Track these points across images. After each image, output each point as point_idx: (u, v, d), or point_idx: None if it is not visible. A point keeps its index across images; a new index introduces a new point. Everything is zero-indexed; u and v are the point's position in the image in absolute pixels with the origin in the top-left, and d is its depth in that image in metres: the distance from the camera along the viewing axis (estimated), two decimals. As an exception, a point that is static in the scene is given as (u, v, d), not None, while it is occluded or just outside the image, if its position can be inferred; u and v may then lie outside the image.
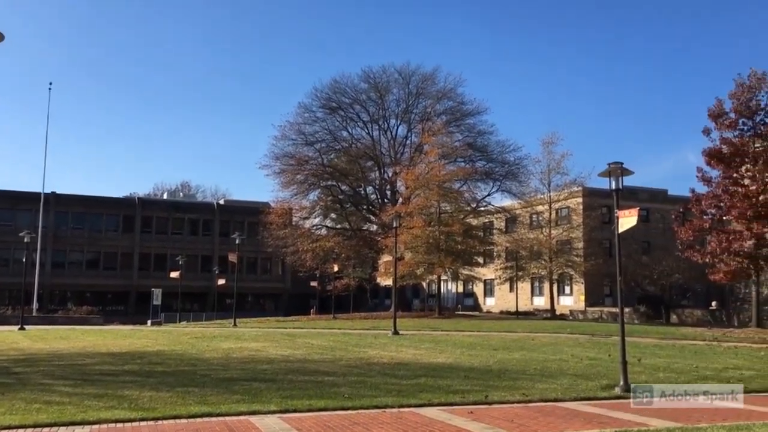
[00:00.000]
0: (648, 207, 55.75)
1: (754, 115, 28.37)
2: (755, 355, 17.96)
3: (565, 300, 55.37)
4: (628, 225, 13.15)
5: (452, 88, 53.47)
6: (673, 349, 19.88)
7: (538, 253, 48.31)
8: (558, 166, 47.63)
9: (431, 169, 43.64)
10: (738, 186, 28.19)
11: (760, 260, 27.99)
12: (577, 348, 19.88)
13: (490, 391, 11.45)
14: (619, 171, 13.25)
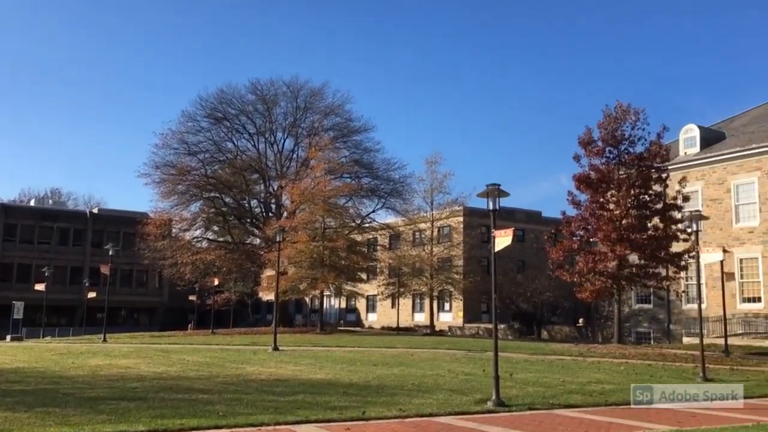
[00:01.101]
0: (524, 227, 58.35)
1: (619, 144, 30.41)
2: (616, 369, 19.12)
3: (444, 316, 56.76)
4: (504, 244, 13.70)
5: (340, 105, 53.87)
6: (542, 364, 20.80)
7: (420, 269, 49.31)
8: (441, 185, 48.95)
9: (317, 184, 43.59)
10: (604, 210, 30.01)
11: (621, 280, 29.90)
12: (453, 363, 20.39)
13: (368, 407, 11.52)
14: (497, 192, 13.82)
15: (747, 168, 36.36)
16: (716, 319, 31.41)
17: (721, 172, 37.56)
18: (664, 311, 39.27)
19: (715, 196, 37.58)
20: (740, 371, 19.32)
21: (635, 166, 30.16)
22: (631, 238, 29.00)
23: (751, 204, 36.04)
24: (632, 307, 40.96)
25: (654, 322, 40.08)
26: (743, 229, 36.09)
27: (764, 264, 34.98)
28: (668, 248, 29.56)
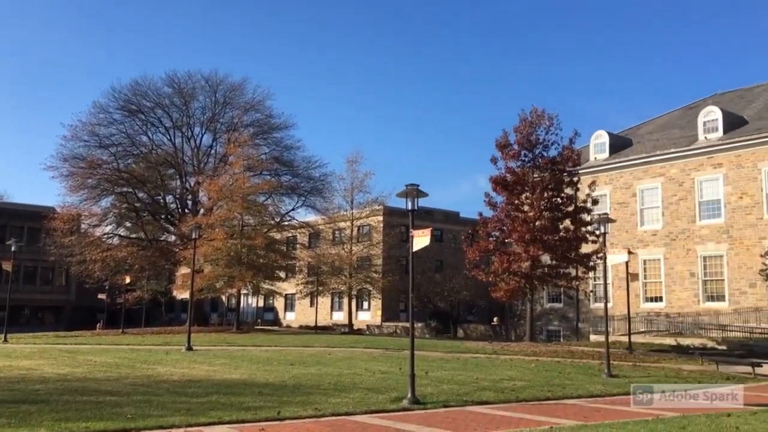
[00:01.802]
0: (442, 227, 59.25)
1: (533, 148, 31.32)
2: (527, 367, 19.70)
3: (363, 315, 56.93)
4: (422, 244, 13.88)
5: (261, 101, 53.02)
6: (457, 362, 21.19)
7: (339, 268, 49.25)
8: (361, 184, 49.03)
9: (236, 181, 42.79)
10: (519, 212, 30.83)
11: (534, 280, 30.80)
12: (371, 362, 20.48)
13: (284, 407, 11.43)
14: (415, 193, 13.97)
15: (651, 174, 38.23)
16: (621, 317, 32.87)
17: (628, 177, 39.33)
18: (573, 310, 40.79)
19: (622, 199, 39.31)
20: (642, 367, 20.28)
21: (549, 169, 31.12)
22: (544, 240, 29.91)
23: (655, 208, 37.92)
24: (544, 306, 42.34)
25: (564, 320, 41.56)
26: (647, 232, 37.92)
27: (666, 265, 36.87)
28: (578, 249, 30.68)
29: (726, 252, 34.52)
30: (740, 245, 33.92)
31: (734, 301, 33.68)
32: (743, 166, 34.37)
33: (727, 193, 34.86)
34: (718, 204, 35.29)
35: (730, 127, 36.09)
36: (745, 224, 33.94)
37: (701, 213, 35.91)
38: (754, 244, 33.08)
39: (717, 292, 34.80)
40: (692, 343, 28.60)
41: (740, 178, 34.40)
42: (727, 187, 34.93)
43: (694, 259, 35.74)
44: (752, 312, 32.22)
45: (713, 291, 35.01)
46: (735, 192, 34.56)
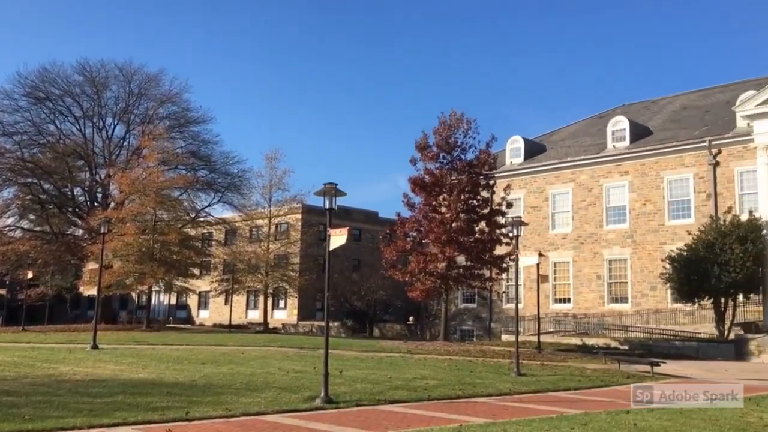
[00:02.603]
0: (361, 227, 59.47)
1: (452, 151, 31.85)
2: (440, 366, 20.00)
3: (279, 313, 56.38)
4: (339, 243, 13.87)
5: (177, 93, 51.69)
6: (372, 361, 21.28)
7: (256, 266, 48.58)
8: (280, 181, 48.54)
9: (149, 175, 41.47)
10: (436, 213, 31.28)
11: (449, 280, 31.33)
12: (285, 361, 20.30)
13: (193, 407, 11.17)
14: (333, 191, 13.94)
15: (563, 179, 39.63)
16: (532, 318, 33.92)
17: (541, 181, 40.63)
18: (486, 310, 41.77)
19: (535, 203, 40.57)
20: (549, 366, 20.96)
21: (466, 172, 31.72)
22: (460, 241, 30.47)
23: (566, 212, 39.33)
24: (458, 306, 43.16)
25: (477, 320, 42.51)
26: (558, 235, 39.29)
27: (574, 268, 38.31)
28: (492, 251, 31.40)
29: (630, 256, 36.19)
30: (643, 250, 35.64)
31: (636, 303, 35.36)
32: (647, 175, 36.11)
33: (632, 200, 36.55)
34: (623, 210, 36.94)
35: (636, 136, 37.85)
36: (647, 230, 35.68)
37: (608, 218, 37.51)
38: (656, 248, 34.81)
39: (621, 294, 36.43)
40: (597, 343, 29.79)
41: (644, 185, 36.14)
42: (632, 194, 36.62)
43: (600, 262, 37.28)
44: (652, 313, 33.90)
45: (617, 293, 36.63)
46: (639, 199, 36.28)
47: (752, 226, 28.01)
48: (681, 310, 32.51)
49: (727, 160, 33.29)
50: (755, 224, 28.13)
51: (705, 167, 33.92)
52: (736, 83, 38.86)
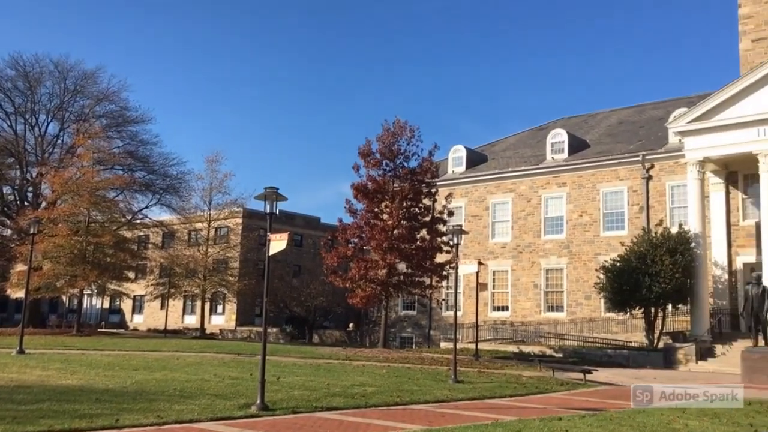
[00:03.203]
0: (302, 232, 59.13)
1: (395, 158, 32.02)
2: (378, 373, 19.98)
3: (216, 319, 55.43)
4: (279, 248, 13.72)
5: (116, 92, 50.23)
6: (310, 367, 21.11)
7: (194, 270, 47.61)
8: (220, 185, 47.74)
9: (83, 174, 40.20)
10: (378, 220, 31.36)
11: (390, 287, 31.41)
12: (221, 367, 19.94)
13: (123, 414, 10.83)
14: (274, 196, 13.80)
15: (503, 189, 40.31)
16: (470, 325, 34.28)
17: (482, 191, 41.22)
18: (426, 317, 42.05)
19: (476, 212, 41.12)
20: (486, 373, 21.22)
21: (408, 179, 31.93)
22: (401, 248, 30.61)
23: (505, 222, 39.99)
24: (399, 313, 43.32)
25: (417, 327, 42.74)
26: (497, 244, 39.90)
27: (513, 276, 38.97)
28: (433, 259, 31.65)
29: (566, 266, 37.04)
30: (578, 260, 36.53)
31: (571, 312, 36.19)
32: (584, 187, 37.08)
33: (569, 211, 37.45)
34: (561, 220, 37.81)
35: (574, 149, 38.83)
36: (583, 240, 36.60)
37: (546, 228, 38.31)
38: (591, 259, 35.73)
39: (557, 303, 37.24)
40: (533, 351, 30.34)
41: (581, 197, 37.08)
42: (569, 205, 37.52)
43: (538, 271, 38.02)
44: (586, 322, 34.77)
45: (553, 302, 37.42)
46: (576, 210, 37.20)
47: (681, 239, 29.09)
48: (614, 319, 33.43)
49: (660, 175, 34.47)
50: (684, 237, 29.22)
51: (638, 181, 35.04)
52: (669, 100, 40.31)
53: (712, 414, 12.48)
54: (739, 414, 12.63)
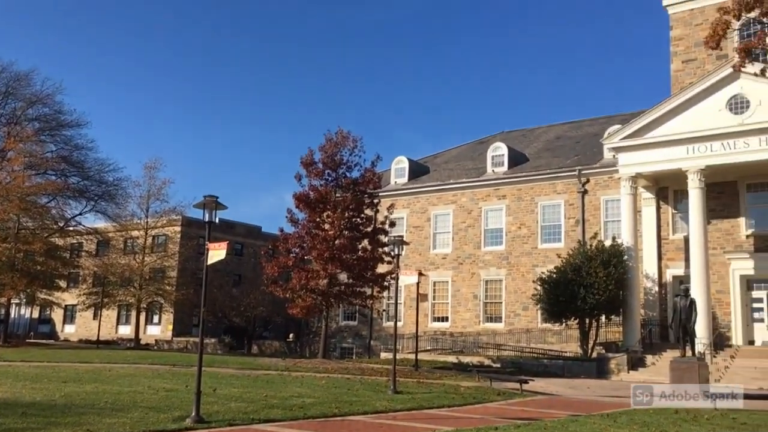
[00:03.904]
0: (243, 241, 58.37)
1: (337, 168, 32.00)
2: (317, 384, 19.85)
3: (152, 329, 54.10)
4: (218, 257, 13.52)
5: (50, 95, 48.56)
6: (248, 379, 20.81)
7: (129, 279, 46.41)
8: (159, 192, 46.85)
9: (14, 179, 38.79)
10: (320, 230, 31.23)
11: (331, 298, 31.27)
12: (155, 379, 19.46)
13: (51, 428, 10.49)
14: (214, 204, 13.60)
15: (445, 201, 40.76)
16: (411, 336, 34.42)
17: (424, 202, 41.58)
18: (367, 328, 42.04)
19: (417, 223, 41.42)
20: (426, 384, 21.33)
21: (351, 190, 31.92)
22: (343, 258, 30.53)
23: (446, 233, 40.42)
24: (339, 323, 43.18)
25: (358, 338, 42.66)
26: (438, 255, 40.27)
27: (453, 287, 39.37)
28: (374, 269, 31.68)
29: (505, 277, 37.65)
30: (517, 271, 37.20)
31: (509, 323, 36.78)
32: (523, 199, 37.83)
33: (509, 223, 38.13)
34: (500, 232, 38.45)
35: (514, 162, 39.59)
36: (522, 252, 37.30)
37: (486, 240, 38.88)
38: (529, 270, 36.42)
39: (495, 314, 37.78)
40: (472, 361, 30.64)
41: (520, 210, 37.82)
42: (508, 218, 38.21)
43: (477, 282, 38.53)
44: (524, 333, 35.38)
45: (492, 313, 37.95)
46: (515, 222, 37.90)
47: (615, 252, 29.97)
48: (550, 330, 34.12)
49: (595, 189, 35.48)
50: (617, 250, 30.12)
51: (575, 195, 35.96)
52: (604, 117, 41.57)
53: (642, 423, 12.87)
54: (667, 423, 13.05)
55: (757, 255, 29.76)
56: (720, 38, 13.41)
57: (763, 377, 24.08)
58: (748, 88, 27.93)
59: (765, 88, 27.06)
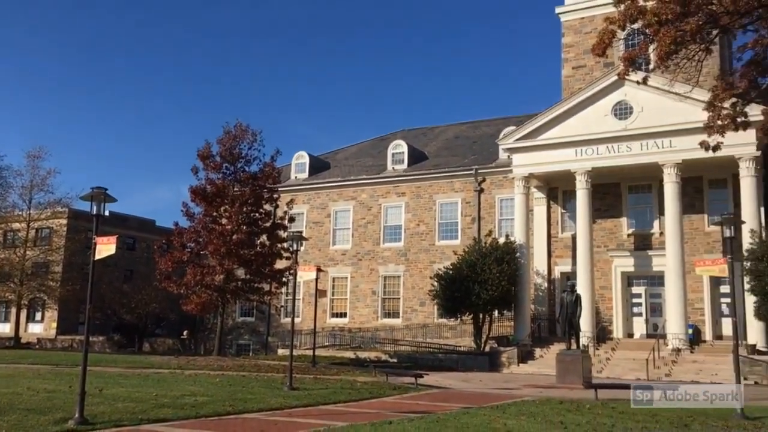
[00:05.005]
0: (136, 235, 56.17)
1: (236, 162, 31.47)
2: (212, 382, 19.39)
3: (35, 327, 51.18)
4: (107, 252, 12.95)
5: None
6: (138, 378, 20.06)
7: (8, 274, 43.64)
8: (43, 182, 44.31)
9: None
10: (216, 224, 30.62)
11: (227, 293, 30.75)
12: (36, 380, 18.40)
13: None
14: (102, 196, 13.00)
15: (345, 197, 40.86)
16: (309, 332, 34.26)
17: (324, 198, 41.50)
18: (264, 324, 41.53)
19: (318, 219, 41.31)
20: (322, 380, 21.30)
21: (249, 184, 31.46)
22: (240, 254, 30.06)
23: (346, 229, 40.55)
24: (236, 320, 42.43)
25: (255, 334, 42.07)
26: (338, 251, 40.34)
27: (352, 283, 39.56)
28: (273, 265, 31.38)
29: (403, 273, 38.21)
30: (415, 267, 37.83)
31: (407, 318, 37.38)
32: (422, 197, 38.51)
33: (408, 220, 38.72)
34: (399, 229, 38.98)
35: (414, 160, 40.23)
36: (420, 249, 37.97)
37: (385, 236, 39.31)
38: (426, 266, 37.12)
39: (393, 310, 38.29)
40: (369, 356, 30.93)
41: (419, 207, 38.48)
42: (407, 215, 38.79)
43: (376, 278, 38.89)
44: (420, 328, 36.05)
45: (391, 308, 38.44)
46: (414, 219, 38.53)
47: (508, 249, 31.08)
48: (446, 325, 34.93)
49: (490, 188, 36.60)
50: (511, 247, 31.25)
51: (471, 193, 36.97)
52: (501, 118, 42.94)
53: (529, 413, 13.39)
54: (552, 413, 13.64)
55: (637, 253, 31.69)
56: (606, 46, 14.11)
57: (640, 368, 25.67)
58: (631, 95, 29.65)
59: (647, 96, 28.80)
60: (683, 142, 27.47)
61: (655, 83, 24.54)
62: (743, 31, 15.09)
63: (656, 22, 13.27)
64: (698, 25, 13.28)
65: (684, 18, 13.30)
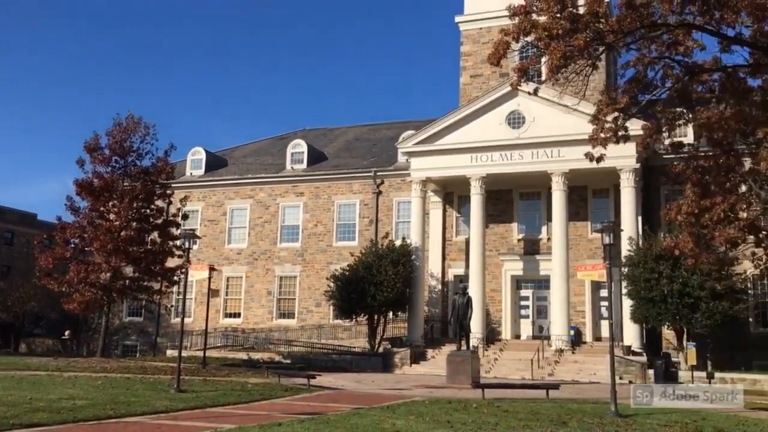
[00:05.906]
0: (15, 229, 52.99)
1: (126, 155, 30.22)
2: (93, 384, 18.52)
3: None
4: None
5: None
6: (12, 380, 18.87)
7: None
8: None
9: None
10: (103, 220, 29.29)
11: (113, 292, 29.45)
12: None
13: None
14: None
15: (242, 195, 40.14)
16: (201, 332, 33.38)
17: (220, 195, 40.59)
18: (153, 324, 40.07)
19: (213, 217, 40.34)
20: (212, 381, 20.79)
21: (141, 179, 30.33)
22: (129, 251, 28.92)
23: (243, 228, 39.83)
24: (123, 320, 40.75)
25: (143, 334, 40.53)
26: (233, 250, 39.54)
27: (247, 283, 38.88)
28: (164, 263, 30.37)
29: (300, 273, 37.95)
30: (312, 268, 37.65)
31: (302, 319, 37.15)
32: (320, 198, 38.40)
33: (305, 220, 38.49)
34: (297, 229, 38.69)
35: (314, 160, 40.06)
36: (317, 249, 37.83)
37: (282, 236, 38.91)
38: (323, 267, 37.03)
39: (288, 310, 37.95)
40: (263, 357, 30.49)
41: (317, 207, 38.34)
42: (306, 215, 38.56)
43: (272, 278, 38.41)
44: (316, 329, 35.92)
45: (286, 309, 38.08)
46: (312, 220, 38.35)
47: (404, 251, 31.52)
48: (341, 326, 34.97)
49: (389, 191, 37.00)
50: (407, 249, 31.71)
51: (370, 195, 37.23)
52: (401, 122, 43.42)
53: (418, 413, 13.62)
54: (440, 412, 13.93)
55: (526, 257, 32.96)
56: (501, 57, 14.55)
57: (525, 368, 26.68)
58: (524, 105, 30.81)
59: (538, 107, 30.02)
60: (571, 152, 28.70)
61: (545, 95, 25.64)
62: (627, 49, 15.94)
63: (547, 36, 13.81)
64: (586, 41, 13.91)
65: (573, 34, 13.91)
